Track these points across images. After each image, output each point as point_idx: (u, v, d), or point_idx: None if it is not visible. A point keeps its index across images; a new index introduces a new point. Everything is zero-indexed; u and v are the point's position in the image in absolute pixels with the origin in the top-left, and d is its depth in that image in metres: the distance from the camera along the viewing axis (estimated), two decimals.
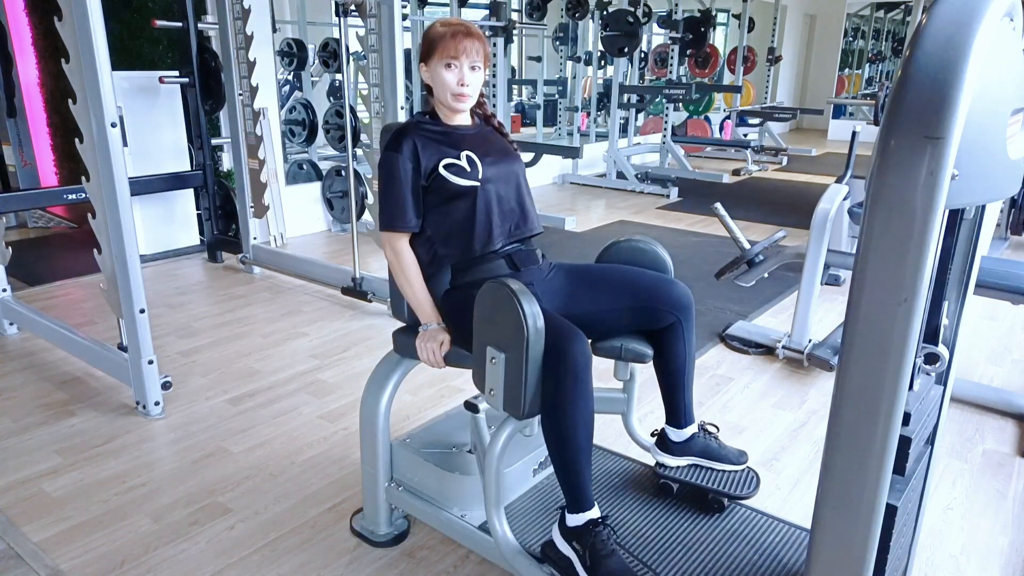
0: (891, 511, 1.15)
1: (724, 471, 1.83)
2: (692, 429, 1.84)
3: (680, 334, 1.75)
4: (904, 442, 1.16)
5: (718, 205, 3.02)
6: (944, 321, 1.38)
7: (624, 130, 8.24)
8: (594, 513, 1.58)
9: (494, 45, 5.75)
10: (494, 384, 1.55)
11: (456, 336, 1.73)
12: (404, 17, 3.36)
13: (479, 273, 1.71)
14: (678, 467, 1.85)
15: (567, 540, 1.58)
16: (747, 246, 3.02)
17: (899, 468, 1.15)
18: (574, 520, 1.57)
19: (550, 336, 1.50)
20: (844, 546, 1.11)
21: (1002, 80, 1.00)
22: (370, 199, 3.76)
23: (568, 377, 1.49)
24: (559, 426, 1.52)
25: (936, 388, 1.42)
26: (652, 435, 1.91)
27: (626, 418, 2.03)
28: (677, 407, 1.82)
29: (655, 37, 10.20)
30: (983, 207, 1.34)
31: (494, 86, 5.83)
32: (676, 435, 1.84)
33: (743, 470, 1.84)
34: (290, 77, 6.59)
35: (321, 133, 5.46)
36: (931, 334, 1.37)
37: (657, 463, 1.87)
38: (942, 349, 1.38)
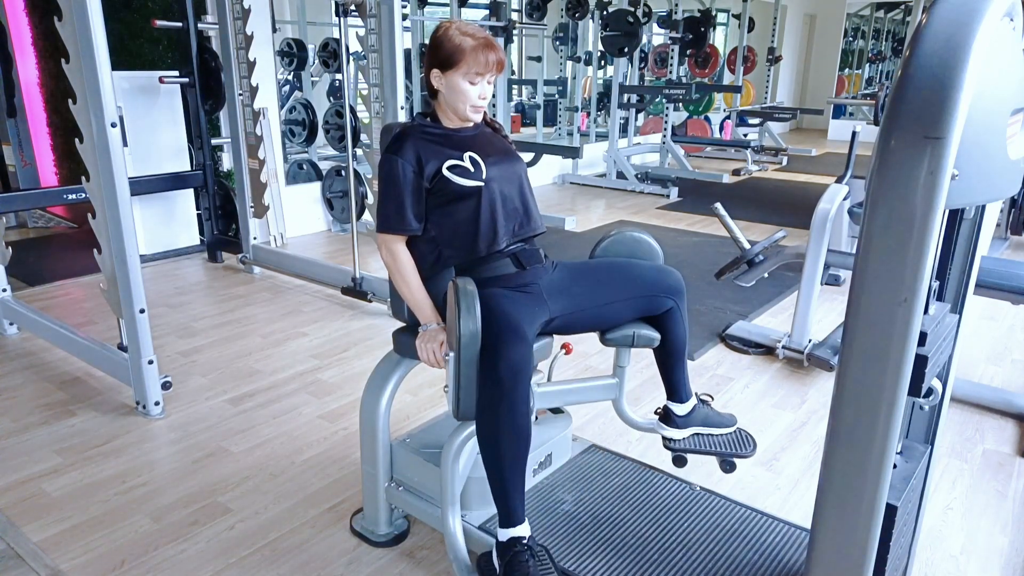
0: (891, 511, 1.15)
1: (722, 435, 1.96)
2: (693, 402, 1.95)
3: (677, 317, 1.87)
4: (920, 361, 1.10)
5: (718, 205, 3.02)
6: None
7: (624, 130, 8.24)
8: (518, 531, 1.58)
9: None
10: (448, 382, 1.60)
11: None
12: (404, 17, 3.36)
13: (484, 272, 1.71)
14: (683, 439, 1.94)
15: (497, 553, 1.60)
16: (747, 246, 3.02)
17: (915, 389, 1.09)
18: (502, 534, 1.59)
19: (487, 338, 1.53)
20: (844, 546, 1.11)
21: (1002, 80, 1.00)
22: (370, 199, 3.76)
23: (496, 389, 1.52)
24: (483, 434, 1.55)
25: (951, 315, 1.39)
26: (655, 413, 1.99)
27: (617, 403, 2.09)
28: (678, 384, 1.92)
29: (655, 37, 10.19)
30: (983, 207, 1.34)
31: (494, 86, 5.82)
32: (680, 409, 1.93)
33: (736, 431, 1.98)
34: (290, 77, 6.59)
35: (321, 133, 5.45)
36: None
37: (664, 438, 1.95)
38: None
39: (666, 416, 1.95)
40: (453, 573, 1.69)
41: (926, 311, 1.15)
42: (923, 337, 1.09)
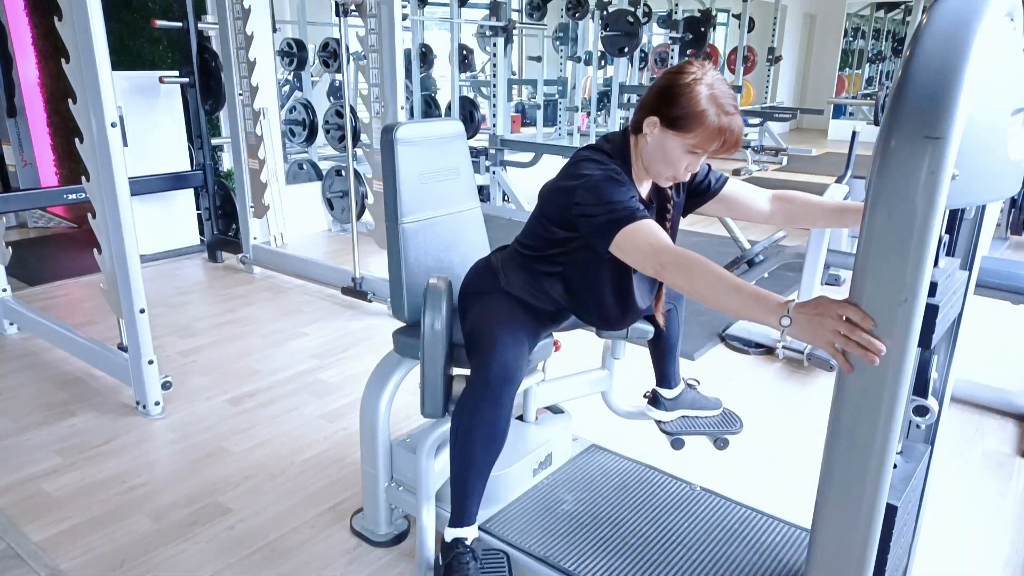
0: (891, 511, 1.15)
1: (710, 416, 2.07)
2: (681, 387, 2.05)
3: (675, 317, 1.93)
4: (932, 310, 1.04)
5: None
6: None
7: None
8: (464, 532, 1.57)
9: (494, 45, 5.75)
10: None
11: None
12: (404, 17, 3.36)
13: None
14: (673, 421, 2.05)
15: (441, 551, 1.60)
16: (747, 246, 3.03)
17: (925, 341, 1.04)
18: (449, 533, 1.58)
19: (485, 336, 1.56)
20: (844, 546, 1.11)
21: (1002, 80, 1.00)
22: (370, 199, 3.75)
23: (484, 389, 1.52)
24: (458, 430, 1.55)
25: (961, 272, 1.40)
26: (644, 396, 2.07)
27: (607, 396, 2.17)
28: (668, 372, 2.01)
29: (655, 37, 10.19)
30: (983, 207, 1.34)
31: (494, 86, 5.83)
32: (668, 394, 2.03)
33: (722, 412, 2.08)
34: (290, 77, 6.58)
35: (321, 133, 5.45)
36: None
37: (656, 421, 2.04)
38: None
39: (654, 399, 2.03)
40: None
41: (936, 263, 1.11)
42: (933, 287, 1.05)
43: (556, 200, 1.50)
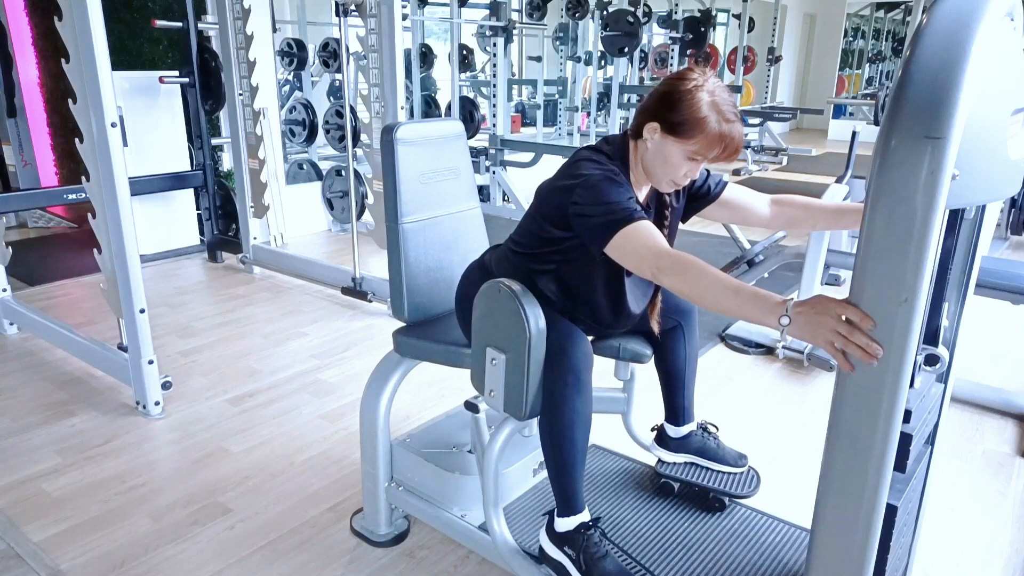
0: (891, 511, 1.15)
1: (722, 472, 1.85)
2: (690, 427, 1.87)
3: (681, 337, 1.80)
4: (905, 439, 1.15)
5: None
6: (944, 322, 1.38)
7: None
8: (584, 516, 1.57)
9: (494, 45, 5.75)
10: (494, 385, 1.55)
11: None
12: (404, 17, 3.36)
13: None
14: (676, 464, 1.88)
15: (558, 545, 1.57)
16: (747, 246, 3.03)
17: (900, 465, 1.15)
18: (564, 524, 1.57)
19: (552, 335, 1.50)
20: (844, 546, 1.11)
21: (1002, 80, 1.00)
22: (370, 199, 3.75)
23: (569, 376, 1.48)
24: (557, 426, 1.52)
25: (937, 385, 1.42)
26: (652, 430, 1.94)
27: (626, 418, 2.05)
28: (675, 406, 1.86)
29: (655, 37, 10.19)
30: (983, 207, 1.34)
31: (494, 86, 5.83)
32: (674, 432, 1.88)
33: (743, 471, 1.86)
34: (290, 77, 6.58)
35: (321, 133, 5.45)
36: (931, 334, 1.37)
37: (658, 460, 1.91)
38: (942, 350, 1.38)
39: (660, 436, 1.90)
40: (513, 570, 1.66)
41: (912, 385, 1.15)
42: (908, 415, 1.11)
43: (553, 199, 1.50)
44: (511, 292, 1.48)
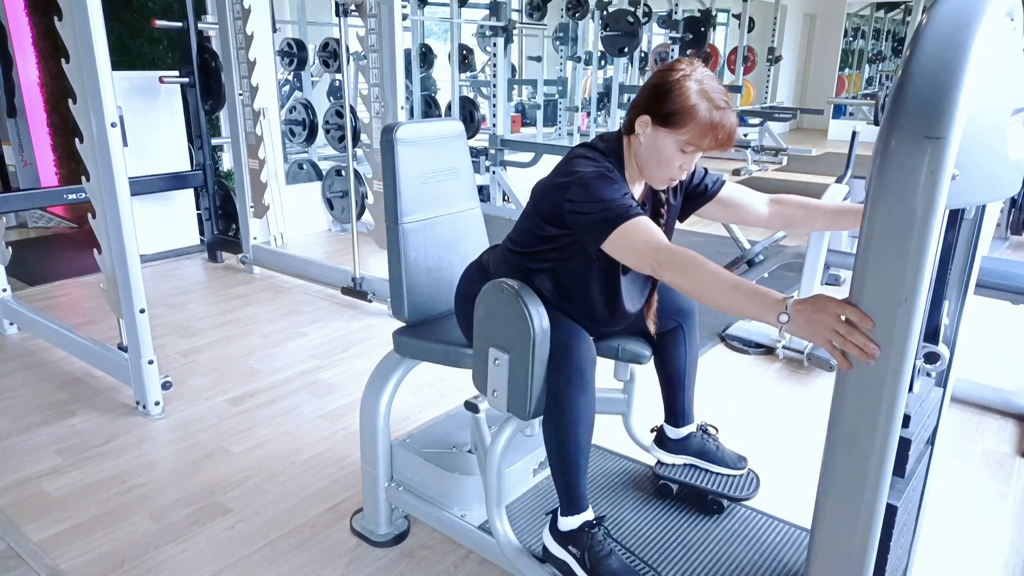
0: (891, 511, 1.15)
1: (721, 474, 1.84)
2: (689, 429, 1.87)
3: (681, 338, 1.79)
4: (904, 443, 1.15)
5: None
6: (944, 321, 1.38)
7: None
8: (588, 515, 1.57)
9: (494, 45, 5.75)
10: (497, 385, 1.55)
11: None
12: (404, 17, 3.36)
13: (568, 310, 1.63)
14: (675, 466, 1.88)
15: (562, 544, 1.57)
16: (747, 246, 3.03)
17: (899, 470, 1.15)
18: (568, 523, 1.57)
19: (556, 334, 1.50)
20: (844, 546, 1.11)
21: (1002, 80, 1.00)
22: (370, 199, 3.75)
23: (573, 375, 1.49)
24: (562, 425, 1.52)
25: (936, 389, 1.42)
26: (652, 431, 1.94)
27: (626, 419, 2.05)
28: (675, 407, 1.86)
29: (655, 37, 10.19)
30: (983, 207, 1.34)
31: (494, 86, 5.83)
32: (673, 433, 1.87)
33: (743, 473, 1.85)
34: (290, 77, 6.58)
35: (321, 133, 5.45)
36: (931, 334, 1.37)
37: (657, 461, 1.90)
38: (942, 349, 1.38)
39: (660, 437, 1.90)
40: (517, 570, 1.65)
41: (911, 389, 1.16)
42: (907, 420, 1.12)
43: (548, 197, 1.49)
44: (514, 292, 1.48)
